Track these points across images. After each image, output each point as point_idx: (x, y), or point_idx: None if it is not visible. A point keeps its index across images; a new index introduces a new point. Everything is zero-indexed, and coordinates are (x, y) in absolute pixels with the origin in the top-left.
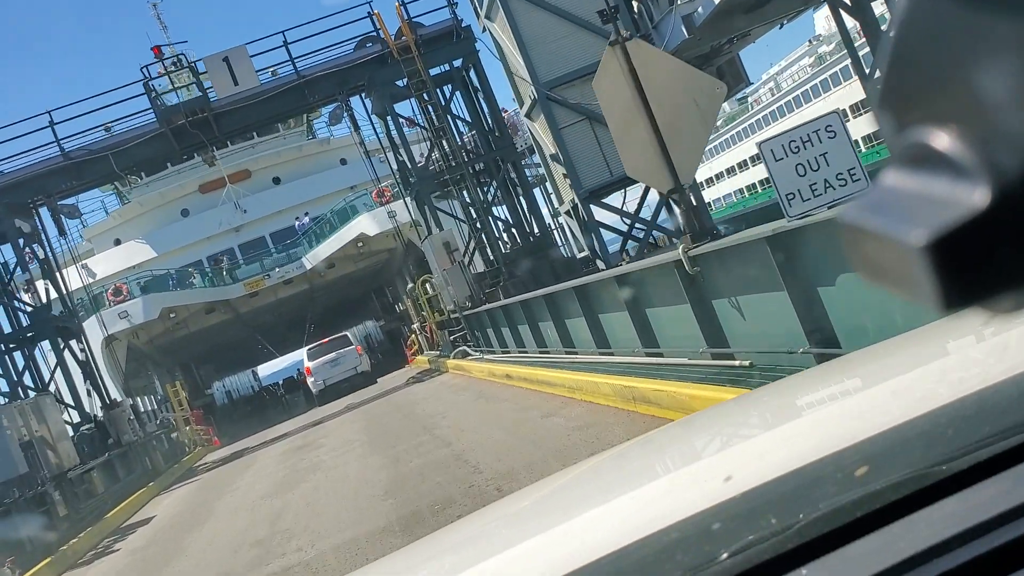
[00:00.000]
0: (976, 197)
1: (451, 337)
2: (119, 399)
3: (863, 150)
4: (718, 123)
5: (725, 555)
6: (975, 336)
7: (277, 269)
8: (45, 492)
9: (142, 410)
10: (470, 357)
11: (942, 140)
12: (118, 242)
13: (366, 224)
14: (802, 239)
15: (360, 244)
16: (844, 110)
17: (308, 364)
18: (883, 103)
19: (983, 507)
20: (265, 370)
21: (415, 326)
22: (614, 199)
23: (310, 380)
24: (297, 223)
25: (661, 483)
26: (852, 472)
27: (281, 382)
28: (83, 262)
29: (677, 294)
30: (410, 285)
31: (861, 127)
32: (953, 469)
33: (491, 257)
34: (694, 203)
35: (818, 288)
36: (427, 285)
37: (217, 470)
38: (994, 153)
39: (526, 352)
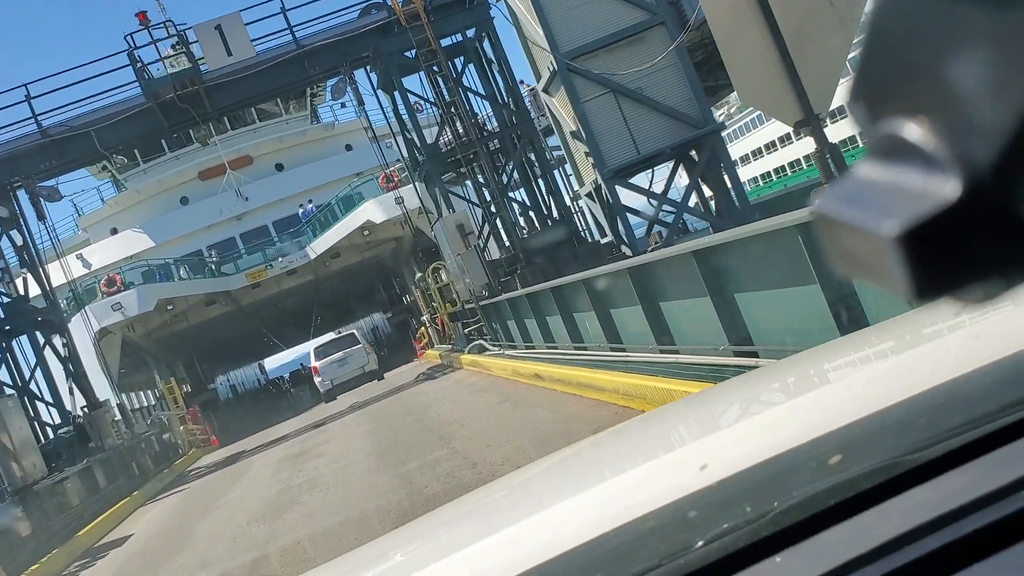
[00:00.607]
0: (948, 189)
1: (465, 330)
2: (105, 398)
3: None
4: (732, 110)
5: (700, 543)
6: (947, 326)
7: (280, 259)
8: (5, 508)
9: (131, 409)
10: (488, 352)
11: (915, 132)
12: (115, 231)
13: (372, 211)
14: None
15: (366, 232)
16: None
17: (315, 363)
18: (856, 95)
19: (955, 495)
20: (272, 363)
21: (424, 318)
22: (640, 180)
23: (317, 379)
24: (301, 211)
25: (637, 472)
26: (826, 460)
27: (288, 375)
28: (78, 252)
29: (794, 273)
30: (419, 275)
31: None
32: (925, 457)
33: (507, 243)
34: (828, 141)
35: None
36: (439, 273)
37: (209, 477)
38: (966, 145)
39: (556, 348)
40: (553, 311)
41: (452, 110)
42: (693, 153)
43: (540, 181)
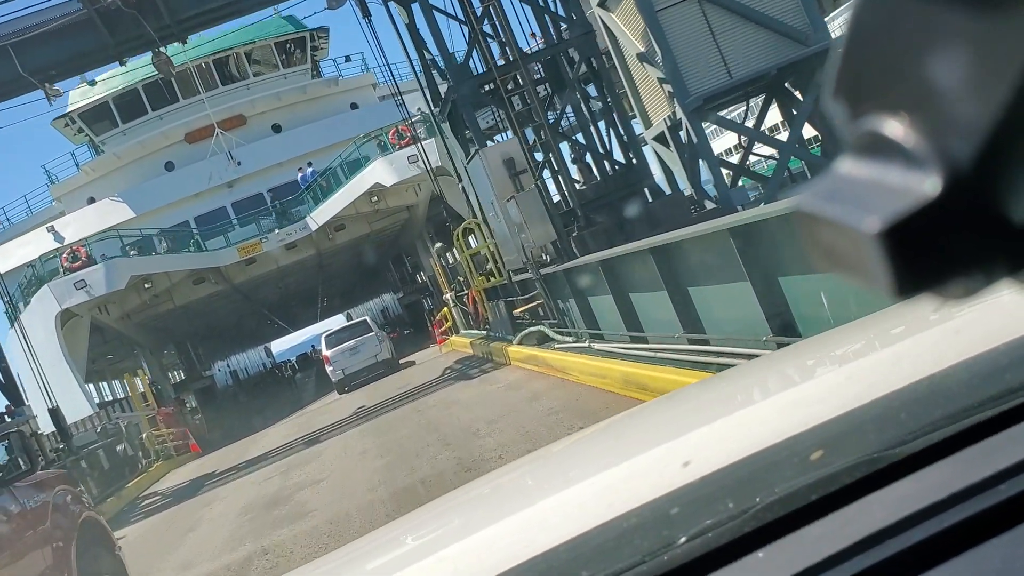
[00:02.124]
0: (928, 185)
1: (515, 310)
2: (24, 404)
3: None
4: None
5: (683, 539)
6: (927, 321)
7: (276, 231)
8: None
9: (107, 402)
10: (556, 346)
11: (895, 129)
12: (92, 201)
13: (381, 172)
14: None
15: (375, 199)
16: None
17: (326, 352)
18: (837, 92)
19: (936, 488)
20: (281, 345)
21: (448, 296)
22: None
23: (329, 368)
24: (300, 175)
25: (620, 469)
26: (808, 456)
27: (295, 359)
28: (50, 224)
29: None
30: (437, 245)
31: None
32: (906, 452)
33: (559, 197)
34: None
35: None
36: (469, 237)
37: (159, 516)
38: (946, 142)
39: (706, 341)
40: (652, 284)
41: (485, 24)
42: (789, 87)
43: (597, 125)
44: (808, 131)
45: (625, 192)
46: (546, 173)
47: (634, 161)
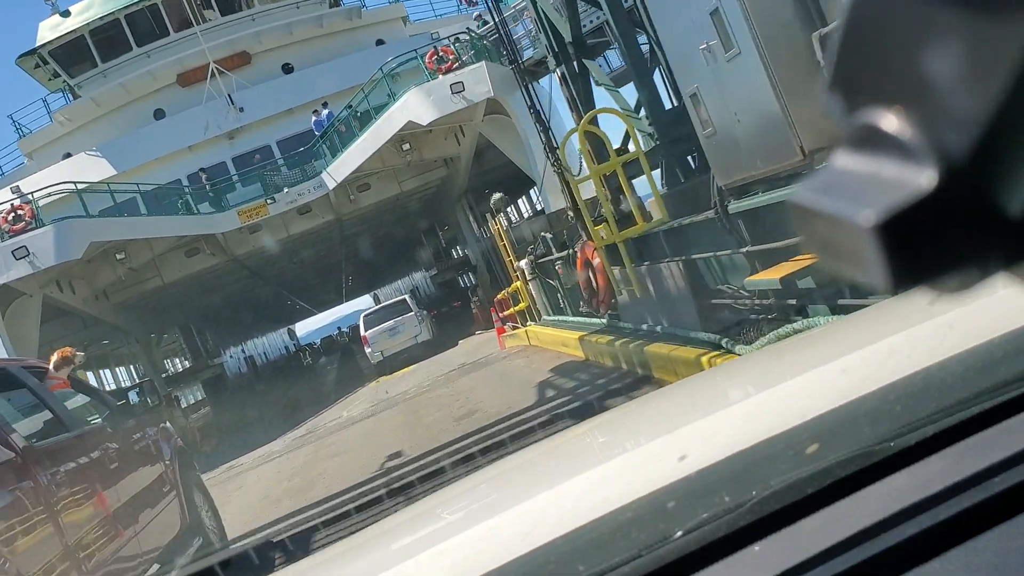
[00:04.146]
0: (924, 178)
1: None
2: None
3: None
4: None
5: (679, 533)
6: (922, 315)
7: (286, 190)
8: None
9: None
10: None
11: (891, 122)
12: (69, 157)
13: (416, 106)
14: None
15: (406, 147)
16: None
17: (364, 333)
18: (833, 85)
19: (930, 481)
20: (308, 326)
21: (523, 264)
22: None
23: (367, 350)
24: (314, 118)
25: (616, 463)
26: (803, 450)
27: (320, 341)
28: (15, 184)
29: None
30: (496, 196)
31: None
32: (900, 445)
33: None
34: None
35: None
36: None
37: None
38: (941, 135)
39: None
40: None
41: None
42: None
43: None
44: None
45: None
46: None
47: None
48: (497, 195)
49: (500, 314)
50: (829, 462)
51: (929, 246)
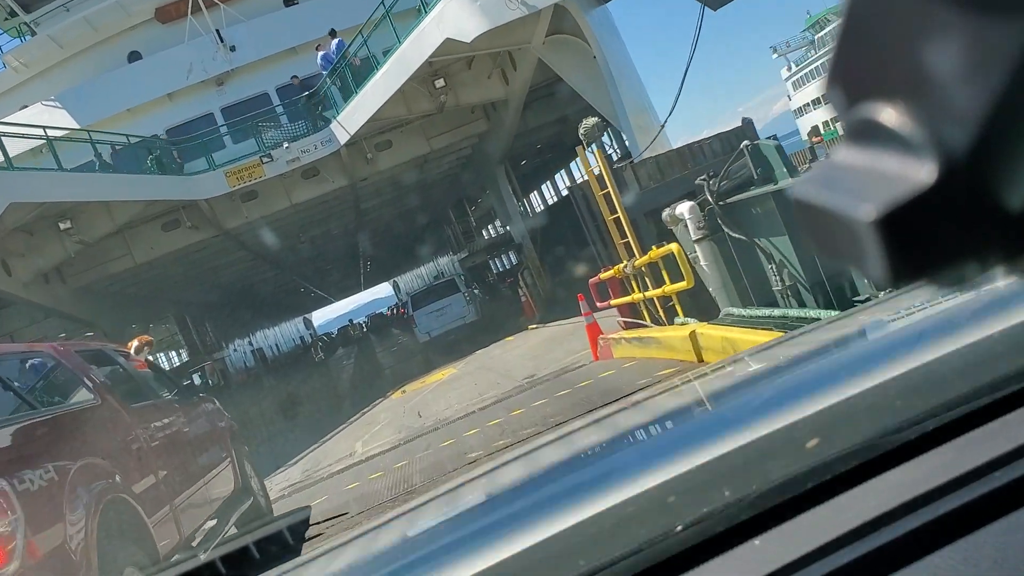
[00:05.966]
0: (924, 173)
1: None
2: None
3: None
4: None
5: (681, 527)
6: (922, 309)
7: (286, 146)
8: None
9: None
10: None
11: (891, 116)
12: (25, 109)
13: (457, 16)
14: None
15: (440, 82)
16: None
17: (412, 313)
18: (833, 79)
19: (930, 476)
20: (325, 315)
21: (682, 210)
22: None
23: (415, 329)
24: (320, 53)
25: (617, 458)
26: (803, 444)
27: (336, 332)
28: None
29: None
30: (590, 120)
31: None
32: (901, 440)
33: None
34: None
35: None
36: None
37: None
38: (941, 129)
39: None
40: None
41: None
42: None
43: None
44: None
45: None
46: None
47: None
48: (591, 120)
49: (597, 303)
50: (829, 456)
51: (929, 240)
